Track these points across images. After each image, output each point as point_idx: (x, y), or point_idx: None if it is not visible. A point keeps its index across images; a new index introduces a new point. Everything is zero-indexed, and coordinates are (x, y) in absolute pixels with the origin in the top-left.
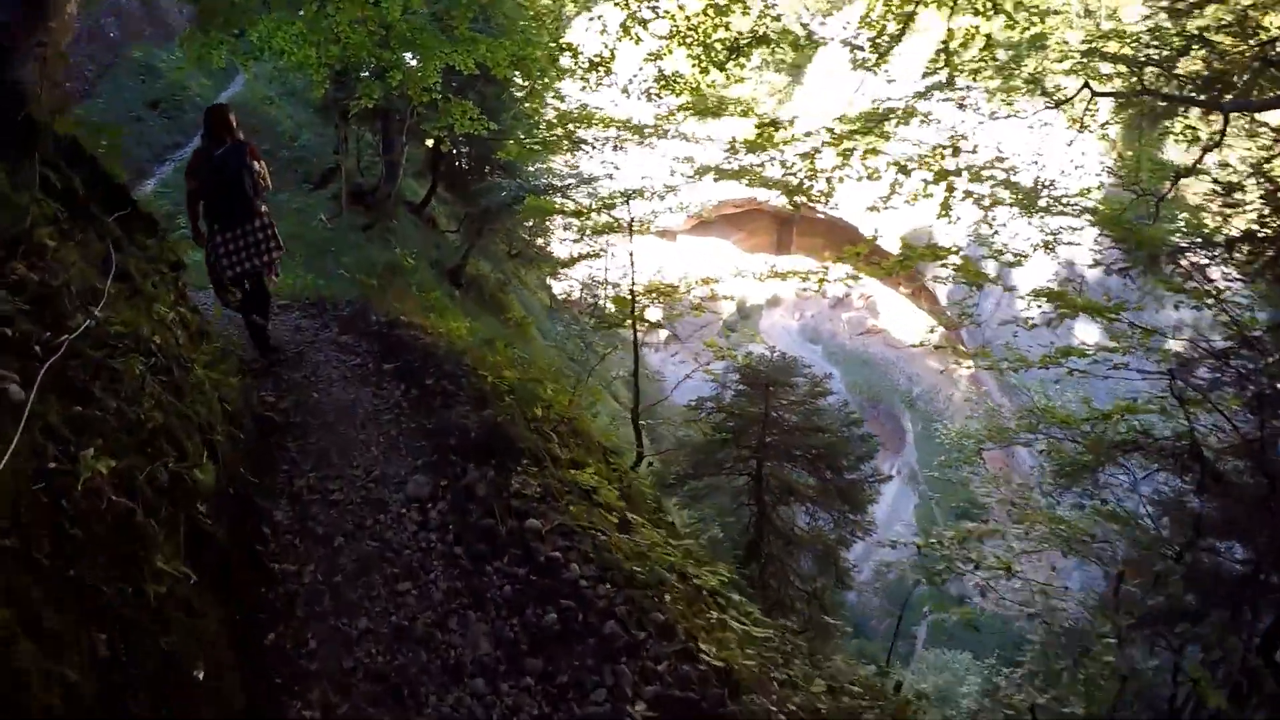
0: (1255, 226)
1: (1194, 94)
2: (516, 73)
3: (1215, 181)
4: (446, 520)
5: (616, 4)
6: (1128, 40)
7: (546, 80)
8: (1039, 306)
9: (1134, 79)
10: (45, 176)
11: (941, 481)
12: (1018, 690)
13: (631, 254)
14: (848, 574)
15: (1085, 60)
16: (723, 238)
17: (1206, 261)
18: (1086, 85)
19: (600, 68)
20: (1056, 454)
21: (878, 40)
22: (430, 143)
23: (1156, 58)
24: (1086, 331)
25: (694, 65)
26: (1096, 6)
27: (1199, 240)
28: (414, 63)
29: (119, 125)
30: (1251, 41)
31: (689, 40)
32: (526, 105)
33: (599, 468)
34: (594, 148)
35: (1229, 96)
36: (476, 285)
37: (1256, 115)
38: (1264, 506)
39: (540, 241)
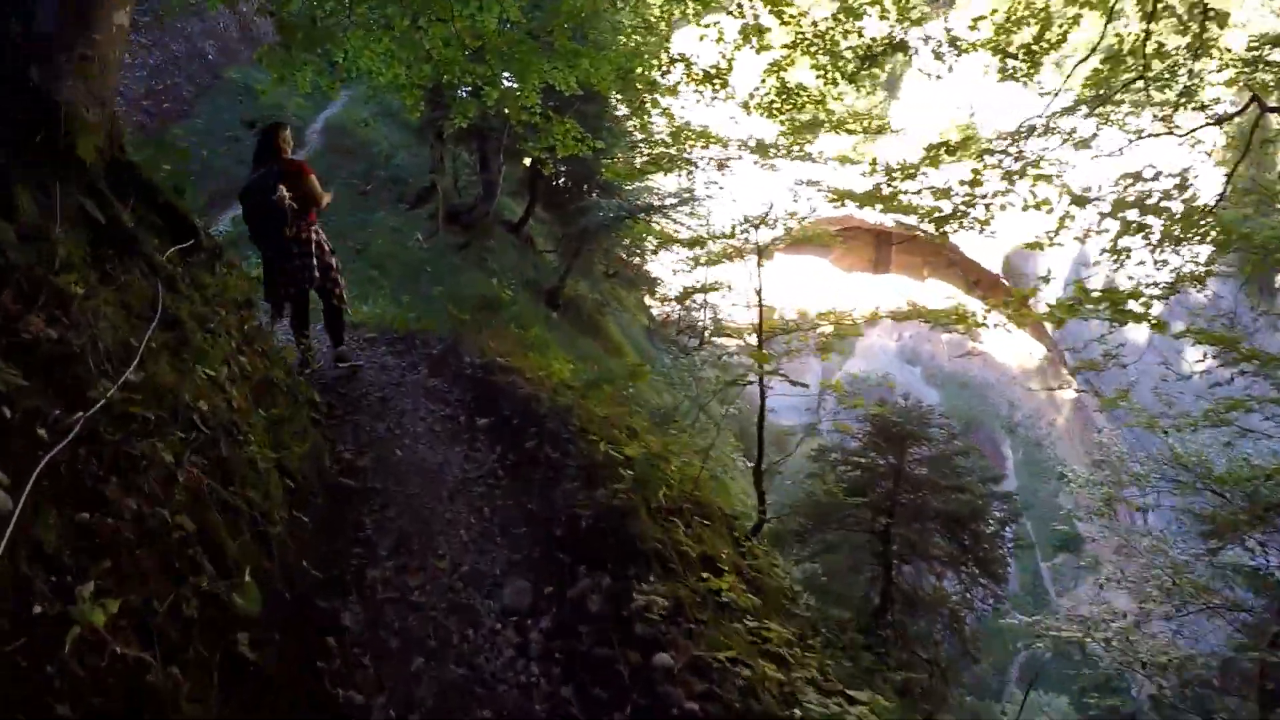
0: None
1: None
2: (618, 89)
3: None
4: (551, 646)
5: (731, 13)
6: None
7: (655, 96)
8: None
9: None
10: (82, 206)
11: (1041, 510)
12: None
13: (760, 291)
14: (975, 643)
15: (1250, 70)
16: (818, 256)
17: None
18: (1255, 99)
19: (715, 80)
20: (1208, 514)
21: (1034, 48)
22: (527, 161)
23: None
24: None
25: (819, 76)
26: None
27: None
28: (509, 83)
29: (187, 148)
30: None
31: (814, 49)
32: (631, 122)
33: (728, 552)
34: (697, 167)
35: None
36: (574, 307)
37: None
38: None
39: (636, 261)
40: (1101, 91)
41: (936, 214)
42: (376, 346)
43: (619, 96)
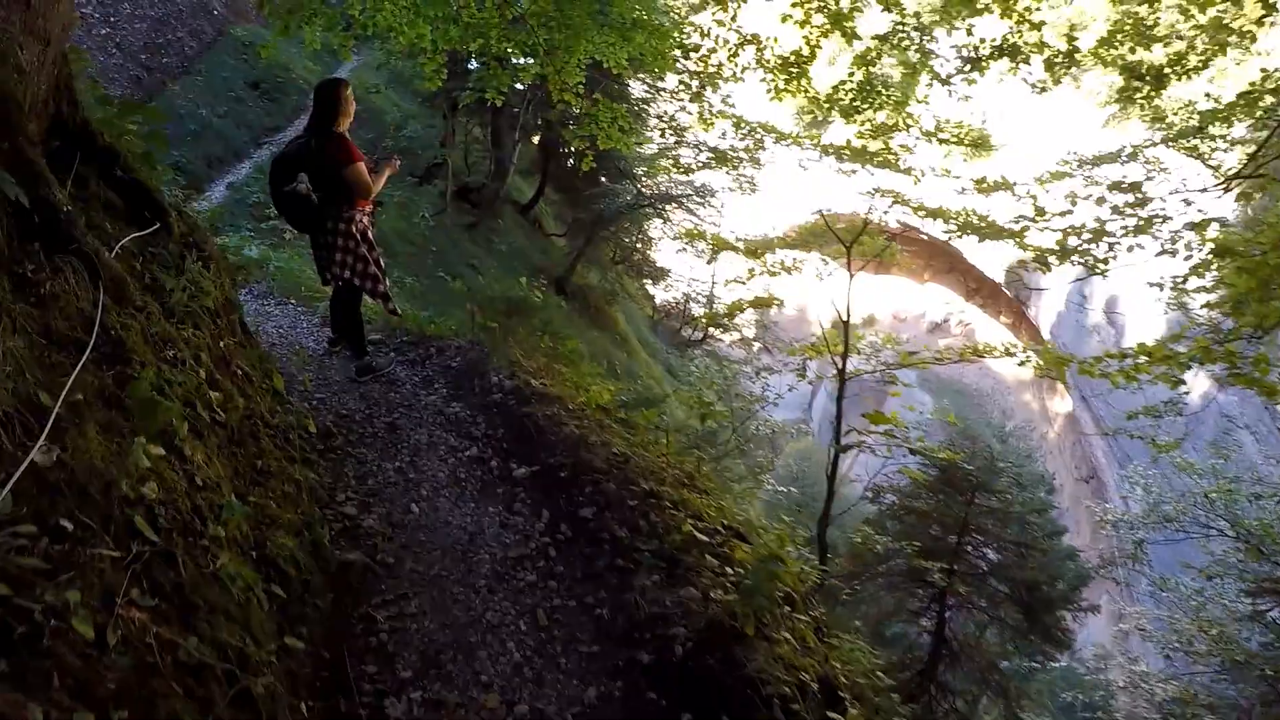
0: None
1: None
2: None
3: None
4: None
5: None
6: None
7: (718, 81)
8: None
9: None
10: None
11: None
12: None
13: (847, 323)
14: (1019, 701)
15: None
16: (824, 256)
17: None
18: None
19: (793, 69)
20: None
21: (1166, 71)
22: (536, 140)
23: None
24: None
25: (906, 76)
26: None
27: None
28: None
29: (155, 107)
30: None
31: (906, 44)
32: (656, 107)
33: (832, 657)
34: (760, 166)
35: None
36: (582, 295)
37: None
38: None
39: (645, 250)
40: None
41: (1050, 251)
42: (384, 351)
43: (644, 78)
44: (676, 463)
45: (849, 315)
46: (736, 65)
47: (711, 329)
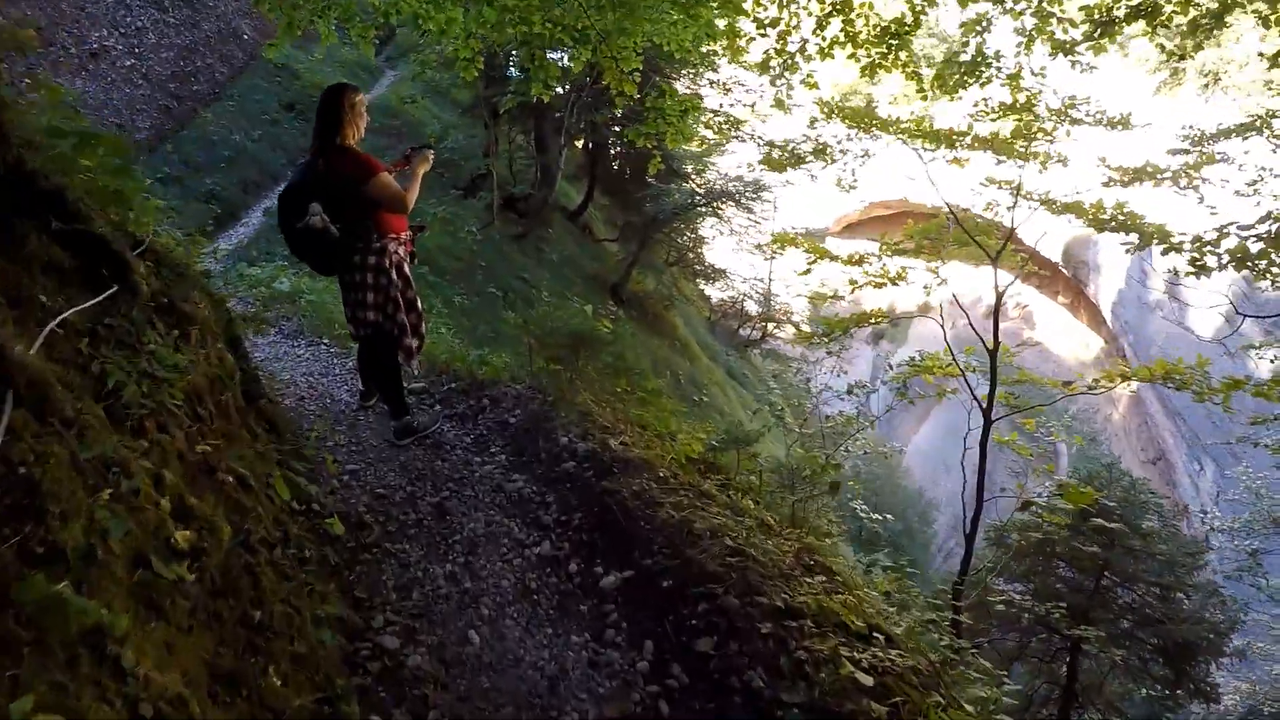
0: None
1: None
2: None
3: None
4: None
5: None
6: None
7: (796, 62)
8: None
9: None
10: None
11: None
12: None
13: (994, 352)
14: None
15: None
16: (873, 240)
17: None
18: None
19: (893, 40)
20: None
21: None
22: (580, 143)
23: None
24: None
25: (1023, 48)
26: None
27: None
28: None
29: (121, 139)
30: None
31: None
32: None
33: None
34: (854, 159)
35: None
36: (639, 302)
37: None
38: None
39: (699, 250)
40: None
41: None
42: (427, 404)
43: (690, 72)
44: (793, 535)
45: (996, 342)
46: (823, 38)
47: (770, 326)
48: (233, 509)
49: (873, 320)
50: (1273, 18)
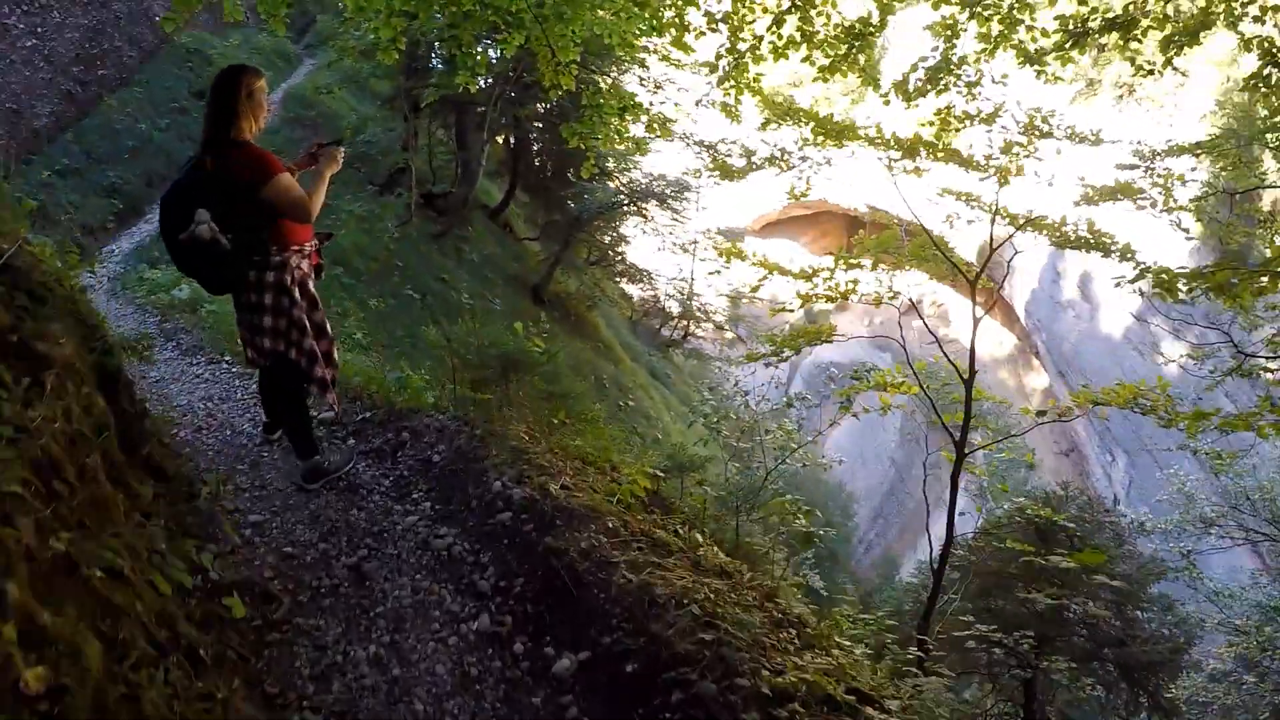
0: None
1: None
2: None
3: None
4: None
5: None
6: None
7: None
8: None
9: None
10: None
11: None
12: None
13: (970, 380)
14: None
15: None
16: (791, 239)
17: None
18: None
19: (856, 41)
20: None
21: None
22: (501, 139)
23: None
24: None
25: (986, 54)
26: None
27: None
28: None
29: None
30: None
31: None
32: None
33: None
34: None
35: None
36: (561, 303)
37: None
38: None
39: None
40: None
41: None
42: (338, 438)
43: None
44: (755, 581)
45: (972, 371)
46: (779, 36)
47: (691, 325)
48: (103, 614)
49: (823, 339)
50: (1253, 41)
